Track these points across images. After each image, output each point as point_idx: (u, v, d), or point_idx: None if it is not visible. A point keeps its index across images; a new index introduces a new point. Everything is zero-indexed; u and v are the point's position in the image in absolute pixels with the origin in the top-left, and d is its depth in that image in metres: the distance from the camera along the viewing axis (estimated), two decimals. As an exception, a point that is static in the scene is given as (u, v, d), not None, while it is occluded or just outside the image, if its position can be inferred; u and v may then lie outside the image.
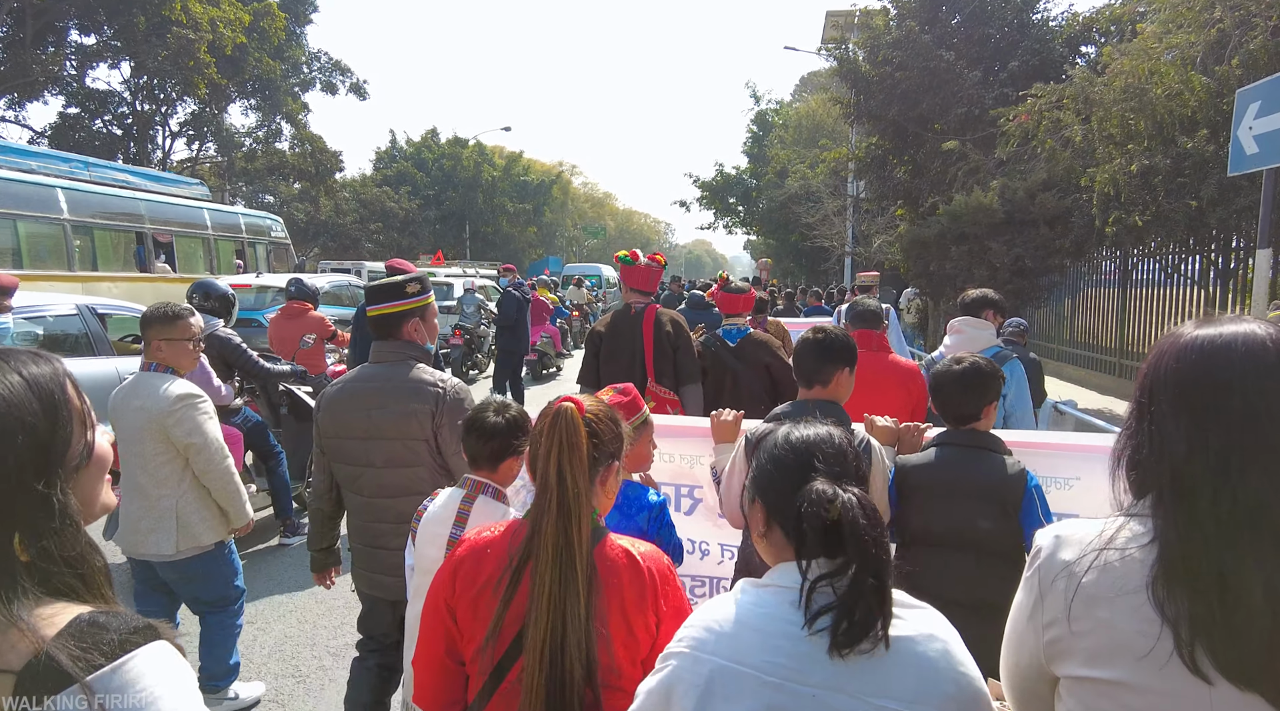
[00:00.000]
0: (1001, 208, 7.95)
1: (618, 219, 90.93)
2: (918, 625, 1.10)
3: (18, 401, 0.86)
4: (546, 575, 1.38)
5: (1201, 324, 1.00)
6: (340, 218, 36.87)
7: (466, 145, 48.84)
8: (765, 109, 35.12)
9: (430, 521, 2.03)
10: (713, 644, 1.12)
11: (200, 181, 16.22)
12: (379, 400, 2.41)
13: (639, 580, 1.43)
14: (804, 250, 27.33)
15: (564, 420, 1.44)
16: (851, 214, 21.86)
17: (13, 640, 0.79)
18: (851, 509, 1.08)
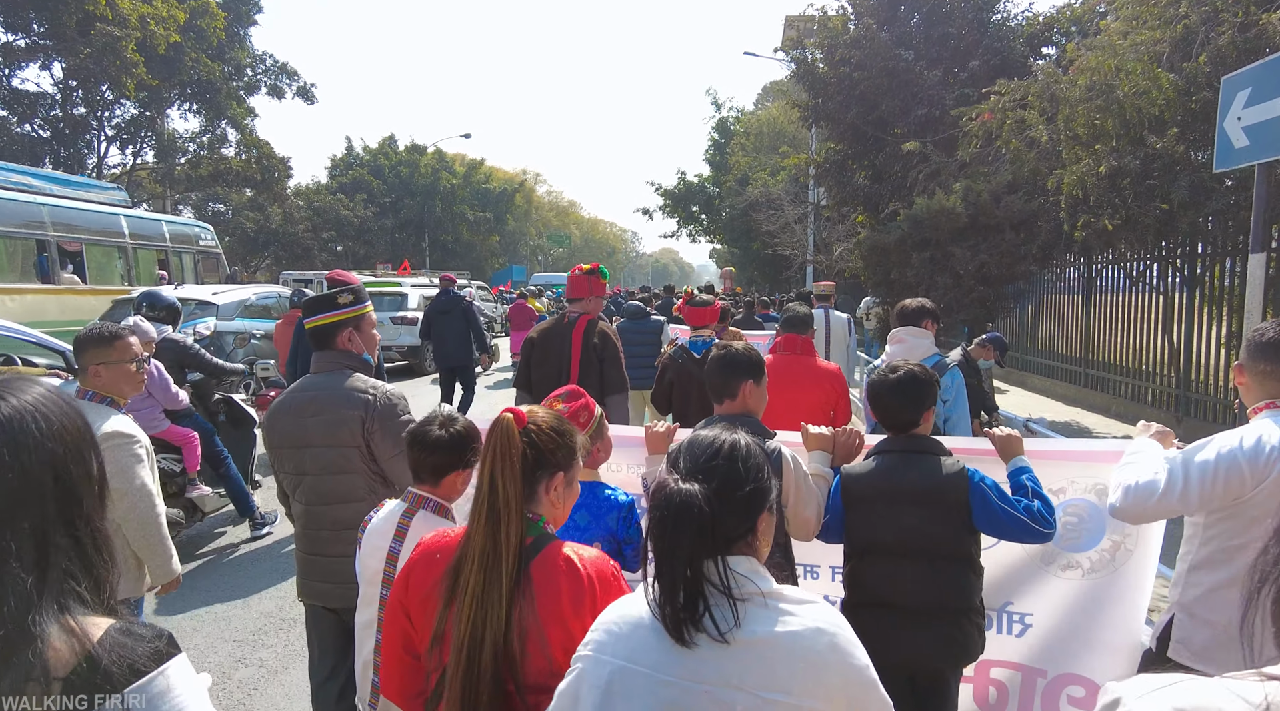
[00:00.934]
0: (965, 212, 7.51)
1: (583, 227, 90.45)
2: (806, 621, 1.17)
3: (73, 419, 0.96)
4: (471, 578, 1.45)
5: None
6: (292, 226, 35.69)
7: (425, 152, 47.84)
8: (726, 116, 34.91)
9: (372, 534, 2.08)
10: (611, 646, 1.21)
11: (119, 186, 15.30)
12: (313, 409, 2.45)
13: (577, 585, 1.47)
14: (765, 258, 27.00)
15: (500, 431, 1.50)
16: (812, 221, 21.53)
17: (60, 647, 0.85)
18: (660, 499, 1.18)
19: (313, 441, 2.44)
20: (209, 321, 8.93)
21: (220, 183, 27.14)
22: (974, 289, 7.73)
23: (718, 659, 1.14)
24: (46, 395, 0.95)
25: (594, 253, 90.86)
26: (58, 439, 0.92)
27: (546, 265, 73.85)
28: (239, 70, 24.43)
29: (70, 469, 0.93)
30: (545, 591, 1.46)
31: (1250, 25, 6.81)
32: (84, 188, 12.91)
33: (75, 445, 0.94)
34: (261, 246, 34.82)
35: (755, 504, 1.25)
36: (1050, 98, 7.09)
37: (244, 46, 24.26)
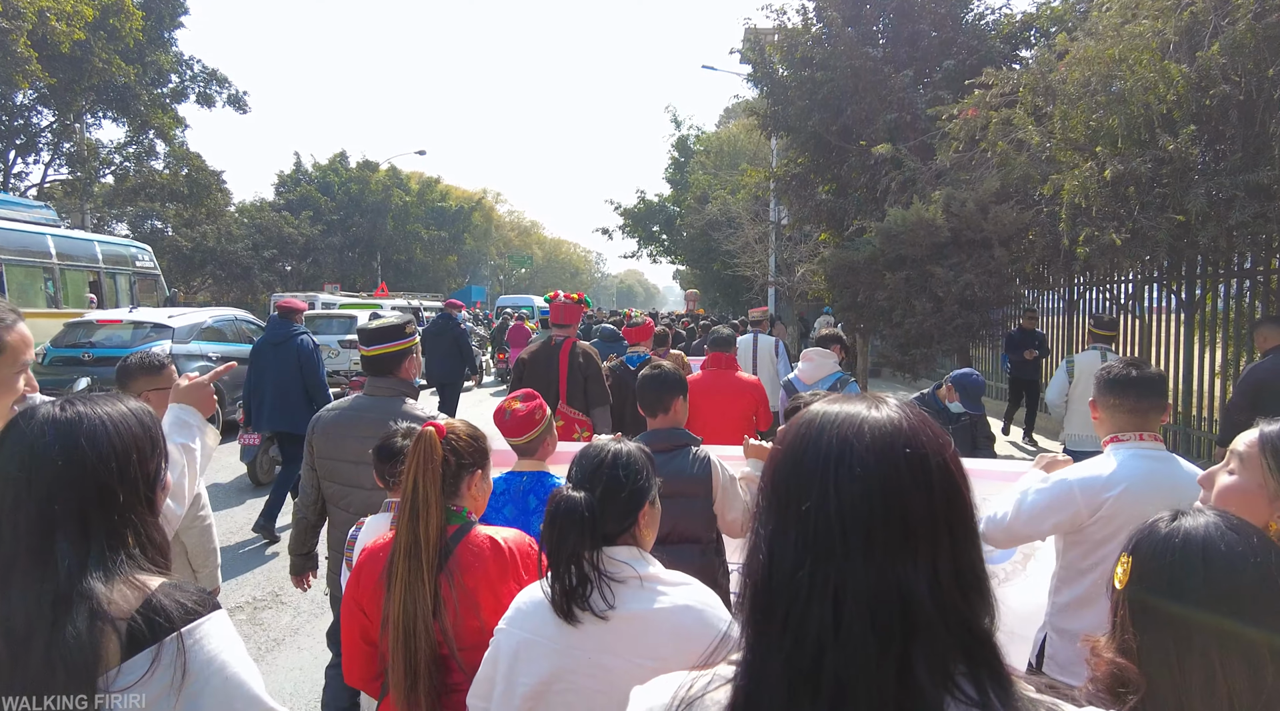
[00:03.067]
0: (947, 224, 6.39)
1: (545, 248, 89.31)
2: (676, 599, 1.43)
3: (131, 428, 1.19)
4: (399, 567, 1.69)
5: (826, 401, 0.89)
6: (231, 244, 33.74)
7: (377, 169, 46.17)
8: (687, 134, 34.05)
9: (360, 547, 2.17)
10: (519, 621, 1.49)
11: (46, 204, 14.41)
12: (373, 430, 2.58)
13: (501, 559, 1.76)
14: (726, 279, 25.94)
15: (424, 441, 1.76)
16: (773, 241, 20.51)
17: (126, 591, 1.08)
18: (551, 506, 1.47)
19: (367, 458, 2.59)
20: (164, 344, 8.77)
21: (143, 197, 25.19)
22: (957, 314, 6.60)
23: (599, 632, 1.41)
24: (119, 409, 1.20)
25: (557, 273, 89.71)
26: (108, 443, 1.15)
27: (508, 286, 72.48)
28: (162, 75, 22.63)
29: (113, 467, 1.15)
30: (474, 567, 1.74)
31: (1270, 10, 5.84)
32: (5, 205, 12.33)
33: (125, 451, 1.17)
34: (198, 265, 32.84)
35: (634, 503, 1.52)
36: (1045, 90, 6.01)
37: (167, 50, 22.50)
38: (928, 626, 0.75)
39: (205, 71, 23.62)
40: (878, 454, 0.78)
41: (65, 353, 9.01)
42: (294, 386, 6.10)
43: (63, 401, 1.18)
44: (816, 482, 0.79)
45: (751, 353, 7.19)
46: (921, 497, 0.77)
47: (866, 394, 0.88)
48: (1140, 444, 2.16)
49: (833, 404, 0.87)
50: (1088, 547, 2.11)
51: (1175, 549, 1.08)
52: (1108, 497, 2.04)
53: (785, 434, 0.87)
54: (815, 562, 0.77)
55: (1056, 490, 2.13)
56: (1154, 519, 1.15)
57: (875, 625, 0.74)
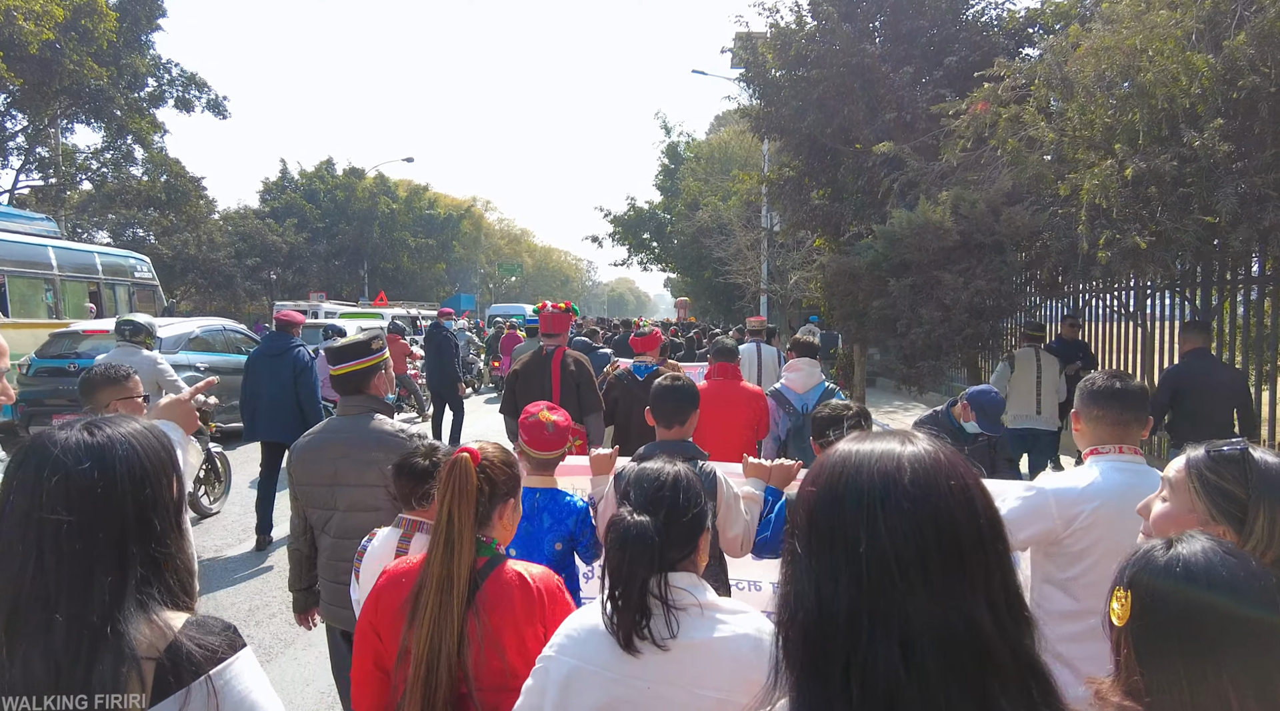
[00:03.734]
0: (956, 226, 5.92)
1: (536, 256, 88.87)
2: (736, 628, 1.39)
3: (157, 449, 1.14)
4: (429, 600, 1.62)
5: (853, 439, 0.88)
6: (213, 252, 33.08)
7: (364, 176, 45.58)
8: (677, 141, 33.69)
9: (371, 559, 2.21)
10: (570, 648, 1.44)
11: (47, 216, 14.78)
12: (344, 450, 2.62)
13: (529, 598, 1.69)
14: (718, 287, 25.49)
15: (459, 469, 1.68)
16: (765, 247, 20.07)
17: (150, 633, 1.03)
18: (618, 532, 1.40)
19: (344, 480, 2.60)
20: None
21: (119, 204, 24.53)
22: (966, 323, 6.12)
23: (660, 661, 1.36)
24: (139, 429, 1.15)
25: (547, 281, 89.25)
26: (141, 466, 1.10)
27: (498, 294, 71.95)
28: (138, 79, 22.01)
29: (148, 493, 1.10)
30: (500, 604, 1.66)
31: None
32: (7, 217, 12.59)
33: (156, 474, 1.12)
34: (179, 274, 32.16)
35: (696, 528, 1.49)
36: (1060, 83, 5.56)
37: (144, 53, 21.89)
38: (997, 657, 0.75)
39: (184, 75, 23.02)
40: (924, 487, 0.79)
41: (51, 364, 8.79)
42: (288, 398, 6.17)
43: (87, 424, 1.12)
44: (864, 521, 0.78)
45: (756, 363, 7.17)
46: (971, 526, 0.78)
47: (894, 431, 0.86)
48: (1119, 457, 2.15)
49: (861, 442, 0.85)
50: (1065, 560, 2.11)
51: (1178, 578, 1.04)
52: (1084, 510, 2.05)
53: (816, 475, 0.85)
54: (874, 603, 0.76)
55: (1033, 501, 2.15)
56: (1146, 549, 1.11)
57: (949, 662, 0.73)
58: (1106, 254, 5.44)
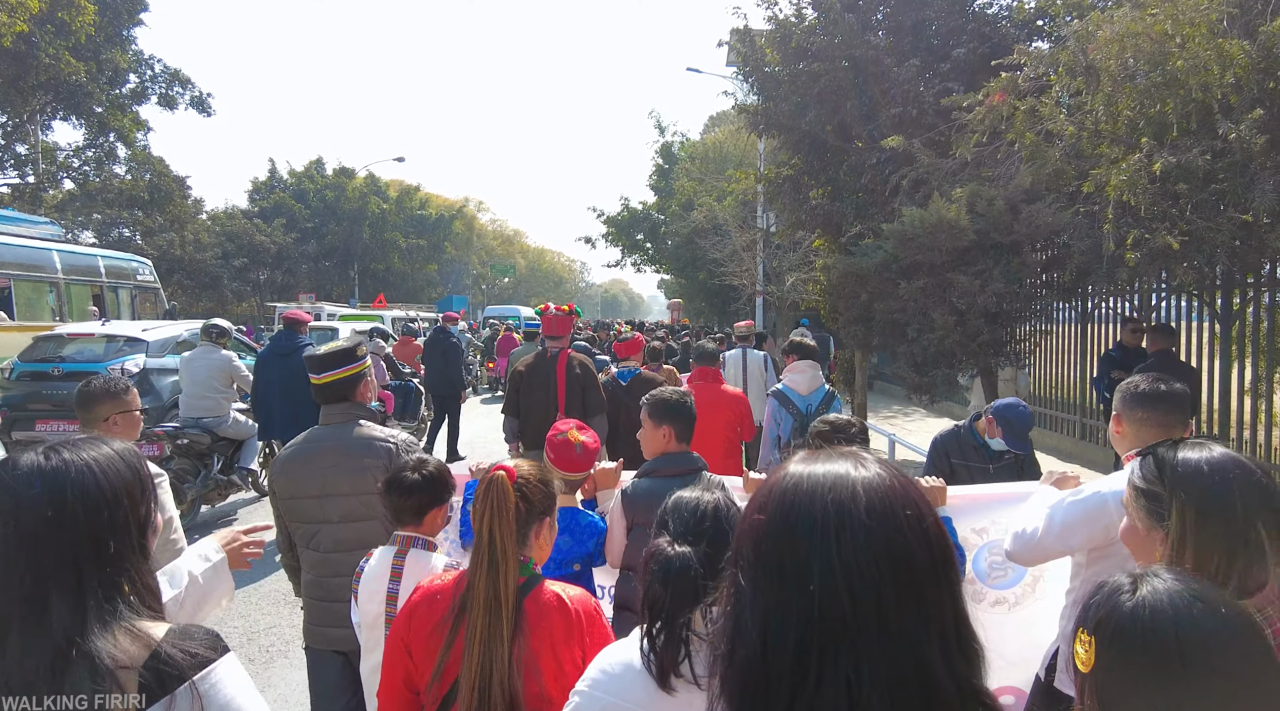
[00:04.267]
0: (972, 225, 5.53)
1: (529, 257, 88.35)
2: None
3: (120, 472, 1.14)
4: (478, 622, 1.57)
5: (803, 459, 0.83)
6: (200, 252, 32.54)
7: (354, 176, 45.04)
8: (671, 141, 33.27)
9: (369, 579, 2.17)
10: (605, 684, 1.35)
11: (51, 220, 15.20)
12: (332, 459, 2.53)
13: (567, 621, 1.64)
14: (713, 289, 25.08)
15: (496, 488, 1.64)
16: (761, 249, 19.67)
17: (129, 645, 1.04)
18: (660, 564, 1.35)
19: (335, 490, 2.51)
20: (137, 358, 8.65)
21: (101, 203, 23.96)
22: (982, 329, 5.73)
23: (696, 700, 1.25)
24: (104, 453, 1.14)
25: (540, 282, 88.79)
26: (97, 490, 1.09)
27: (491, 295, 71.47)
28: (119, 74, 21.46)
29: (105, 516, 1.09)
30: (539, 627, 1.62)
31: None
32: (12, 222, 12.61)
33: (115, 498, 1.11)
34: (165, 275, 31.62)
35: None
36: (1085, 69, 5.17)
37: (125, 48, 21.34)
38: (945, 700, 0.74)
39: (167, 72, 22.48)
40: (880, 518, 0.76)
41: (34, 367, 8.51)
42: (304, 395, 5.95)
43: (46, 449, 1.13)
44: (817, 554, 0.74)
45: (741, 367, 7.23)
46: (926, 558, 0.76)
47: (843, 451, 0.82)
48: None
49: (811, 464, 0.82)
50: (1119, 560, 2.05)
51: (1144, 626, 0.98)
52: None
53: (764, 502, 0.81)
54: (824, 641, 0.73)
55: (1092, 502, 2.12)
56: (1111, 589, 1.04)
57: (897, 706, 0.71)
58: (1135, 255, 5.06)
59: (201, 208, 42.30)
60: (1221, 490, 1.31)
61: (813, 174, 11.09)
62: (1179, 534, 1.31)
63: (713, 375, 4.98)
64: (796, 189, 11.43)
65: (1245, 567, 1.27)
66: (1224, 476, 1.33)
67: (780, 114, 10.22)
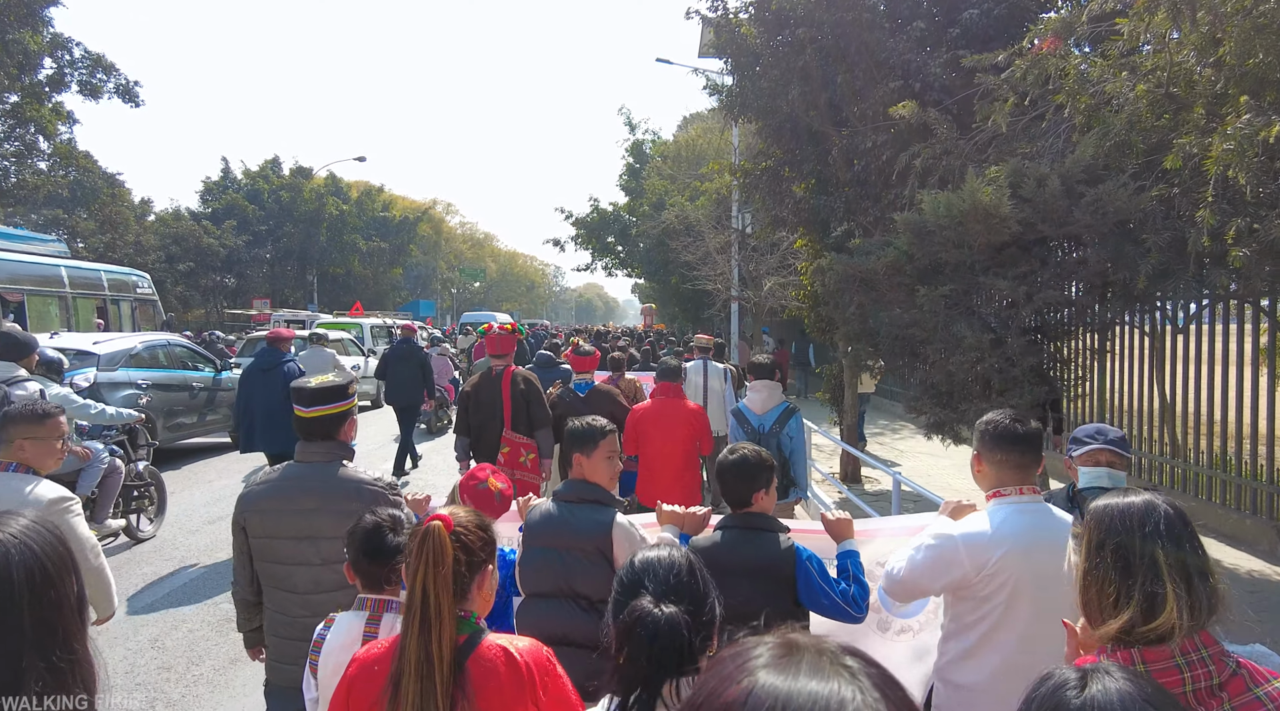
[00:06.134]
0: (1015, 213, 4.16)
1: (500, 261, 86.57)
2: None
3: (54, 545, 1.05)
4: (410, 689, 1.47)
5: (773, 663, 0.65)
6: (141, 256, 30.48)
7: (312, 176, 43.04)
8: (642, 139, 31.88)
9: (334, 651, 2.05)
10: None
11: (57, 237, 16.08)
12: (316, 502, 2.49)
13: (516, 677, 1.55)
14: (685, 294, 23.68)
15: (432, 539, 1.53)
16: (735, 251, 18.31)
17: None
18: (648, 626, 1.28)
19: (319, 533, 2.47)
20: (88, 372, 8.73)
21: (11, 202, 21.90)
22: (1025, 352, 4.35)
23: None
24: (30, 527, 1.06)
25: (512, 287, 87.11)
26: (42, 569, 1.01)
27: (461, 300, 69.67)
28: (30, 59, 19.48)
29: (47, 596, 1.00)
30: (486, 688, 1.53)
31: None
32: (24, 240, 13.44)
33: (57, 573, 1.03)
34: (101, 279, 29.54)
35: (715, 620, 1.40)
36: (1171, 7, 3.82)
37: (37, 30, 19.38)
38: None
39: (88, 57, 20.52)
40: None
41: None
42: (283, 410, 6.61)
43: None
44: None
45: (703, 381, 7.29)
46: None
47: (830, 653, 0.64)
48: (1020, 498, 2.19)
49: (795, 677, 0.62)
50: (974, 602, 2.16)
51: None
52: (993, 556, 2.10)
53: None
54: None
55: (943, 547, 2.17)
56: (1057, 683, 1.01)
57: None
58: (1241, 251, 3.74)
59: (149, 209, 40.10)
60: (1122, 525, 1.36)
61: (794, 165, 9.70)
62: (1085, 563, 1.36)
63: (675, 390, 5.13)
64: (776, 182, 10.06)
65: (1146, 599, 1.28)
66: (1129, 514, 1.37)
67: (759, 93, 8.83)
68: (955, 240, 4.44)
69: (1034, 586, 2.06)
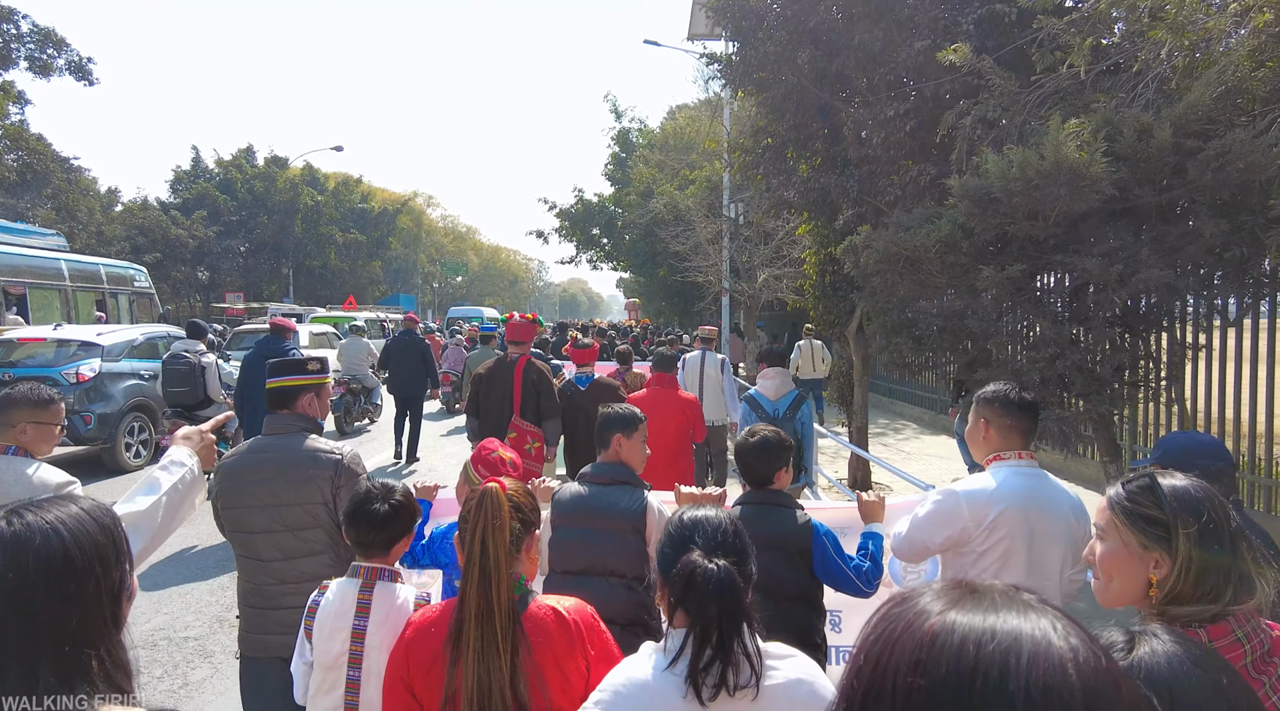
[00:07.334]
0: (1109, 173, 3.29)
1: (482, 255, 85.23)
2: (788, 672, 1.36)
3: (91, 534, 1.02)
4: (471, 633, 1.58)
5: (960, 602, 0.61)
6: (104, 247, 29.11)
7: (288, 166, 41.64)
8: (628, 127, 30.87)
9: (329, 616, 2.08)
10: (616, 704, 1.35)
11: (57, 232, 16.07)
12: (276, 469, 2.55)
13: (567, 633, 1.66)
14: (674, 287, 22.78)
15: (490, 499, 1.66)
16: (727, 242, 17.43)
17: None
18: (707, 579, 1.34)
19: (281, 500, 2.51)
20: (93, 363, 8.91)
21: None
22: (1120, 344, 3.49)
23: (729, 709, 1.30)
24: (71, 515, 1.03)
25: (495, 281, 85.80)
26: (64, 557, 0.98)
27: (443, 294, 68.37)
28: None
29: (72, 588, 0.97)
30: (539, 641, 1.63)
31: None
32: (25, 233, 13.70)
33: (86, 565, 1.00)
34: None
35: (752, 577, 1.46)
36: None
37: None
38: None
39: (36, 31, 19.21)
40: None
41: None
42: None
43: (8, 512, 1.02)
44: None
45: (699, 368, 7.45)
46: None
47: (1018, 595, 0.61)
48: (1019, 462, 2.31)
49: (987, 613, 0.59)
50: (971, 557, 2.24)
51: None
52: (992, 513, 2.20)
53: (920, 658, 0.58)
54: None
55: (946, 504, 2.29)
56: (1106, 643, 0.98)
57: None
58: None
59: (116, 199, 38.58)
60: (1217, 518, 1.34)
61: (800, 143, 8.82)
62: (1187, 551, 1.30)
63: (669, 380, 5.40)
64: (779, 162, 9.16)
65: (1237, 587, 1.29)
66: (1215, 505, 1.35)
67: (762, 59, 7.93)
68: (1027, 209, 3.57)
69: (1028, 544, 2.18)
